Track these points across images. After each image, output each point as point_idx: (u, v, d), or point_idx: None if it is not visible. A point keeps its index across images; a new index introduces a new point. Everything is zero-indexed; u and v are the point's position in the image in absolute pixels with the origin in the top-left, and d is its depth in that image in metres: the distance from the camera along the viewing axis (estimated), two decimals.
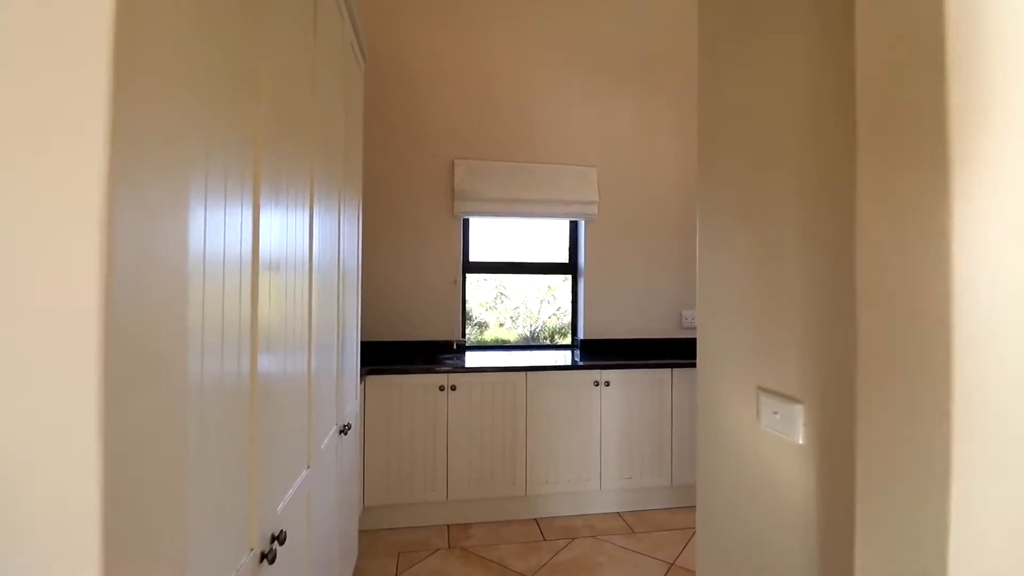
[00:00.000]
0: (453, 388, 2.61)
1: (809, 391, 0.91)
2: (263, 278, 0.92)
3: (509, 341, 3.71)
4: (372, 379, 2.55)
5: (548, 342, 3.70)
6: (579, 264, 3.45)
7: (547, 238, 3.56)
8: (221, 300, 0.74)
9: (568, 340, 3.56)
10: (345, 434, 1.74)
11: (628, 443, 2.83)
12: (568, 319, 3.56)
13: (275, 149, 0.99)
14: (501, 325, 3.74)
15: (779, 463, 0.98)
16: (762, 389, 1.02)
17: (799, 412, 0.92)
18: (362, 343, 2.95)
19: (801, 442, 0.92)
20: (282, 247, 1.05)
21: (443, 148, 3.17)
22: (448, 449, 2.62)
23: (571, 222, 3.49)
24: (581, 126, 3.36)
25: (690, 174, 3.49)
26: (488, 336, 3.74)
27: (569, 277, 3.51)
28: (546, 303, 3.79)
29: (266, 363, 0.94)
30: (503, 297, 3.74)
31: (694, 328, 3.66)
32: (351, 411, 1.96)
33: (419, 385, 2.60)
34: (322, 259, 1.47)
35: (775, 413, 0.97)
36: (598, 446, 2.79)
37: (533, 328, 3.76)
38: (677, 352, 3.31)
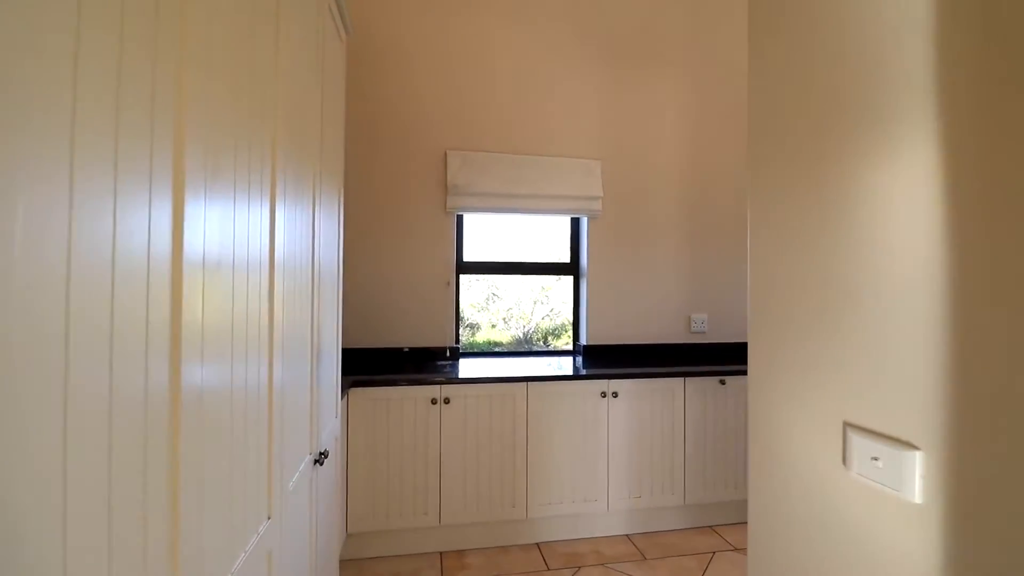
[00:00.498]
0: (446, 401, 2.37)
1: (932, 433, 0.67)
2: (192, 278, 0.67)
3: (502, 343, 3.56)
4: (356, 392, 2.29)
5: (543, 344, 3.55)
6: (581, 264, 3.22)
7: (547, 236, 3.32)
8: (111, 303, 0.49)
9: (568, 345, 3.33)
10: (321, 464, 1.48)
11: (638, 459, 2.60)
12: (561, 320, 3.39)
13: (209, 114, 0.74)
14: (493, 327, 3.58)
15: (879, 525, 0.74)
16: (853, 426, 0.78)
17: (915, 460, 0.69)
18: (345, 351, 2.71)
19: (918, 501, 0.69)
20: (226, 242, 0.80)
21: (436, 138, 2.92)
22: (441, 468, 2.37)
23: (573, 219, 3.25)
24: (585, 116, 3.12)
25: (700, 168, 3.27)
26: (480, 338, 3.59)
27: (570, 278, 3.28)
28: (540, 304, 3.64)
29: (197, 376, 0.69)
30: (495, 298, 3.58)
31: (703, 332, 3.47)
32: (330, 433, 1.71)
33: (408, 398, 2.34)
34: (291, 257, 1.22)
35: (875, 459, 0.74)
36: (605, 463, 2.55)
37: (526, 330, 3.61)
38: (686, 358, 3.08)
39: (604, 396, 2.55)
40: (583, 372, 2.56)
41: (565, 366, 2.87)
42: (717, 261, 3.31)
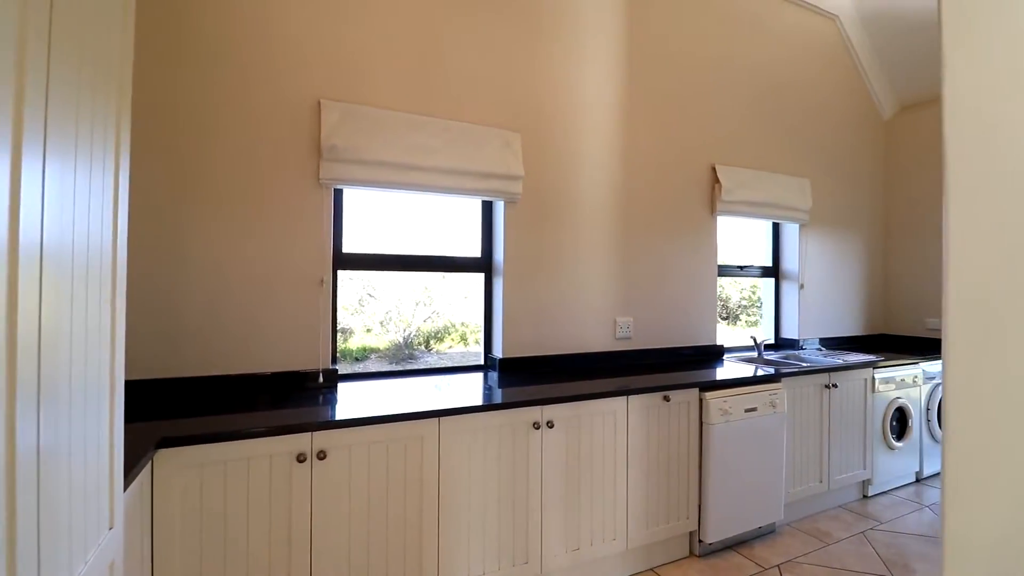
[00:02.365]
0: (321, 456, 1.60)
1: None
2: None
3: (379, 350, 3.15)
4: (167, 458, 1.42)
5: (424, 350, 3.23)
6: (495, 259, 2.62)
7: (449, 224, 2.67)
8: None
9: (472, 354, 2.71)
10: None
11: (576, 502, 2.08)
12: (444, 323, 3.11)
13: None
14: (368, 331, 3.17)
15: None
16: None
17: None
18: (159, 384, 1.79)
19: None
20: None
21: (305, 80, 2.11)
22: (312, 560, 1.60)
23: (484, 205, 2.65)
24: (502, 75, 2.53)
25: (631, 152, 2.88)
26: (353, 344, 3.11)
27: (480, 275, 2.66)
28: (422, 305, 3.27)
29: None
30: (370, 299, 3.18)
31: (629, 338, 3.10)
32: (102, 551, 0.89)
33: (261, 455, 1.53)
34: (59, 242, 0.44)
35: None
36: (539, 513, 1.99)
37: (407, 334, 3.21)
38: (616, 370, 2.65)
39: (537, 427, 1.98)
40: (516, 399, 1.96)
41: (477, 387, 2.25)
42: (646, 259, 2.95)
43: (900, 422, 3.20)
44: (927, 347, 3.69)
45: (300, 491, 1.57)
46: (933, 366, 3.35)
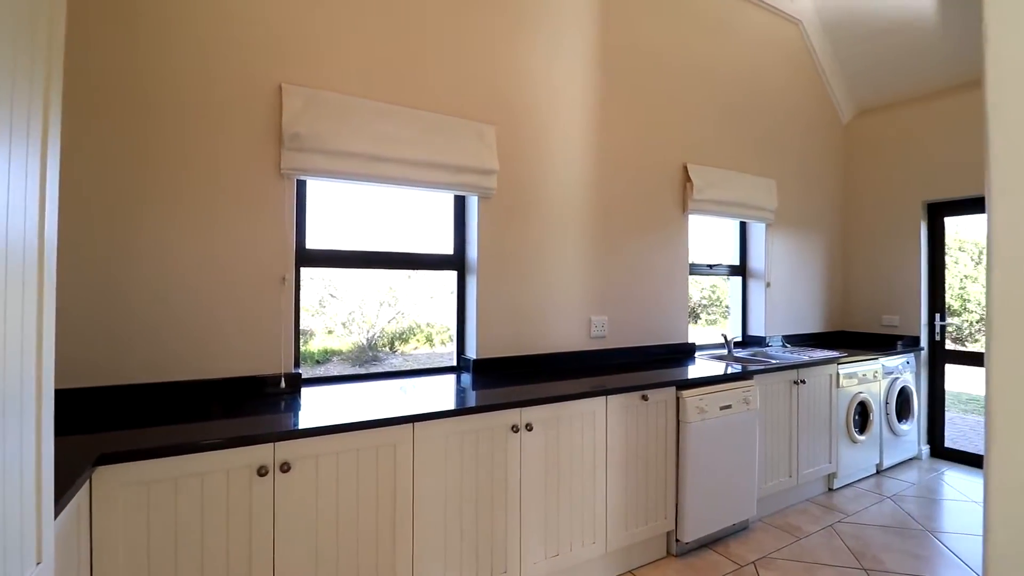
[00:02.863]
0: (285, 468, 1.47)
1: None
2: None
3: (342, 352, 3.05)
4: (109, 474, 1.27)
5: (388, 351, 3.14)
6: (468, 257, 2.53)
7: (419, 220, 2.56)
8: None
9: (439, 356, 2.61)
10: None
11: (556, 506, 2.01)
12: (410, 324, 3.09)
13: None
14: (330, 332, 3.07)
15: None
16: None
17: None
18: (103, 391, 1.63)
19: None
20: None
21: (265, 62, 1.96)
22: None
23: (457, 199, 2.55)
24: (477, 64, 2.44)
25: (608, 145, 2.84)
26: (314, 347, 3.00)
27: (453, 273, 2.56)
28: (386, 305, 3.17)
29: None
30: (331, 299, 3.05)
31: (603, 337, 3.06)
32: None
33: (217, 470, 1.39)
34: None
35: None
36: (517, 518, 1.91)
37: (370, 335, 3.12)
38: (592, 369, 2.61)
39: (516, 430, 1.90)
40: (493, 401, 1.87)
41: (451, 389, 2.16)
42: (620, 257, 2.92)
43: (862, 416, 3.30)
44: (883, 342, 3.83)
45: (262, 508, 1.44)
46: (891, 360, 3.47)
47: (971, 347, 4.72)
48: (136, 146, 1.73)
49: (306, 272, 2.21)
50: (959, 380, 3.78)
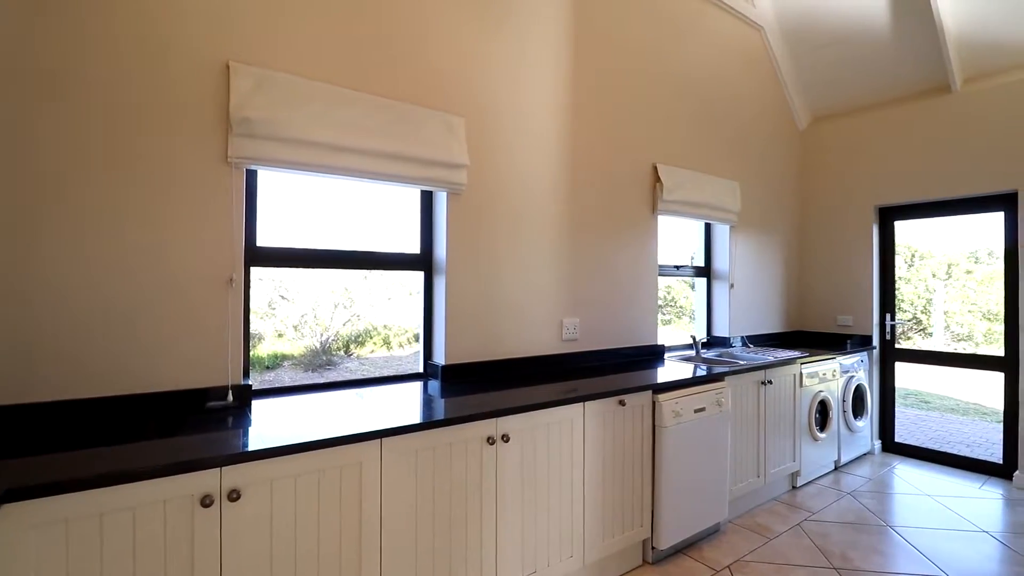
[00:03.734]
0: (233, 497, 1.29)
1: None
2: None
3: (293, 356, 2.87)
4: (18, 512, 1.05)
5: (343, 355, 2.99)
6: (436, 256, 2.38)
7: (380, 215, 2.39)
8: None
9: (397, 359, 2.46)
10: None
11: (533, 519, 1.90)
12: (366, 326, 2.96)
13: None
14: (280, 336, 2.89)
15: None
16: None
17: None
18: (15, 409, 1.38)
19: None
20: None
21: (210, 37, 1.74)
22: None
23: (424, 194, 2.40)
24: (446, 51, 2.30)
25: (580, 141, 2.76)
26: (263, 352, 2.79)
27: (420, 274, 2.41)
28: (341, 307, 3.04)
29: None
30: (282, 300, 2.86)
31: (575, 340, 2.96)
32: None
33: (151, 503, 1.19)
34: None
35: None
36: (493, 538, 1.79)
37: (324, 339, 2.97)
38: (565, 373, 2.52)
39: (492, 442, 1.78)
40: (466, 411, 1.73)
41: (419, 399, 2.01)
42: (591, 258, 2.85)
43: (822, 414, 3.37)
44: (838, 342, 3.96)
45: (206, 545, 1.25)
46: (847, 359, 3.58)
47: (904, 344, 4.97)
48: (54, 129, 1.49)
49: (256, 272, 2.00)
50: (901, 376, 3.95)
